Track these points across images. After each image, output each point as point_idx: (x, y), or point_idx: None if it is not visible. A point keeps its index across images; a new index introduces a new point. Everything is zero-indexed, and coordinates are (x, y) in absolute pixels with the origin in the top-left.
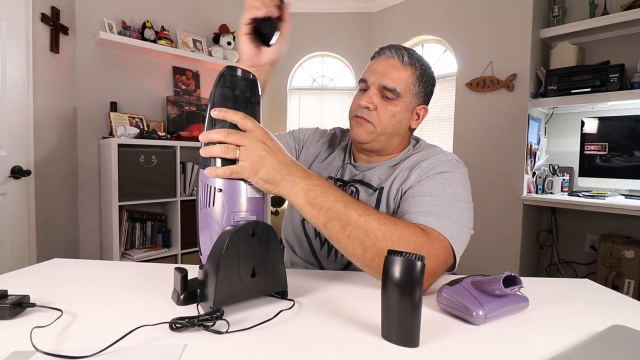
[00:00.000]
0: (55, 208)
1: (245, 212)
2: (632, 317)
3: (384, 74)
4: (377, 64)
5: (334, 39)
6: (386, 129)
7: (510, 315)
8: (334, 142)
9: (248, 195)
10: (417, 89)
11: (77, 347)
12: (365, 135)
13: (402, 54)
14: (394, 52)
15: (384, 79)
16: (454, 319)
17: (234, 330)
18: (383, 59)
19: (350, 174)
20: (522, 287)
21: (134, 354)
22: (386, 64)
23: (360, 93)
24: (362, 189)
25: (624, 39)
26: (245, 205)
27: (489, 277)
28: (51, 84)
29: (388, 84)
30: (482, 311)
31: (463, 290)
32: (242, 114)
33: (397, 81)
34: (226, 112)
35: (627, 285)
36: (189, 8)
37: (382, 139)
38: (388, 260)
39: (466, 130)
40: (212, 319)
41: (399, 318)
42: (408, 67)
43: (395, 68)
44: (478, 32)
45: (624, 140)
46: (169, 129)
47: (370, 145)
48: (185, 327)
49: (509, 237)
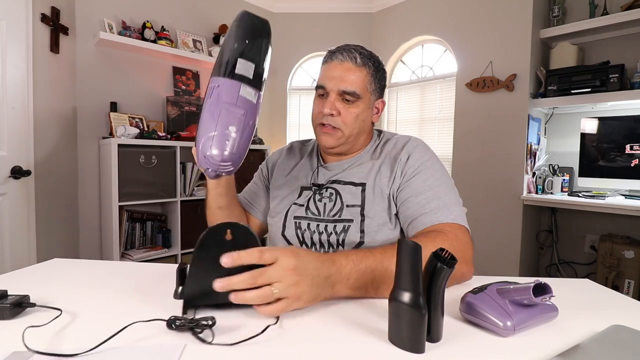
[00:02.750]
0: (55, 208)
1: None
2: (632, 317)
3: (341, 78)
4: (332, 68)
5: (334, 39)
6: (353, 130)
7: (538, 326)
8: (294, 154)
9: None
10: (374, 85)
11: (75, 347)
12: (334, 141)
13: (354, 55)
14: (346, 54)
15: (341, 83)
16: (477, 329)
17: (220, 344)
18: (337, 62)
19: (325, 176)
20: (553, 296)
21: (134, 353)
22: (341, 68)
23: (319, 99)
24: (341, 188)
25: (624, 39)
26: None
27: (516, 285)
28: (51, 84)
29: (347, 88)
30: (511, 322)
31: (488, 298)
32: (257, 249)
33: (354, 84)
34: (239, 257)
35: (627, 285)
36: (189, 8)
37: (350, 140)
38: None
39: (466, 131)
40: (201, 326)
41: (408, 322)
42: (362, 67)
43: (351, 71)
44: (478, 32)
45: (624, 140)
46: (169, 129)
47: (339, 148)
48: (179, 327)
49: (509, 237)
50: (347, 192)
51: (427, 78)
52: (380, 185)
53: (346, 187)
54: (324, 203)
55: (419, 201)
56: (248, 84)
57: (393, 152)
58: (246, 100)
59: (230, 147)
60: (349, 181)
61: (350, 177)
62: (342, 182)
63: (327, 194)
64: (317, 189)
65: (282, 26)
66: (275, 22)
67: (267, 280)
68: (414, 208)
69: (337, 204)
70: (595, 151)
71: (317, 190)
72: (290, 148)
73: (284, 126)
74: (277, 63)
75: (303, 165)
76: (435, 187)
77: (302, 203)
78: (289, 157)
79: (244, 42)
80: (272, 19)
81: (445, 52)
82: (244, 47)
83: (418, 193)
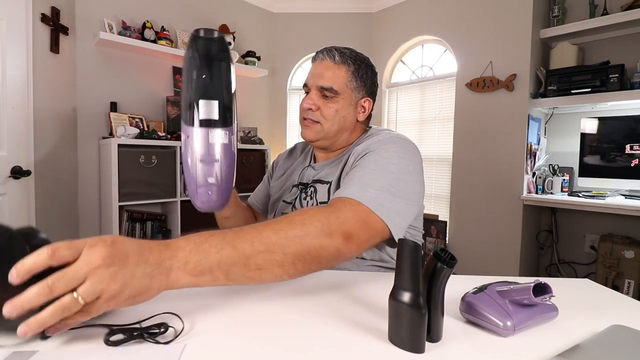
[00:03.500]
0: (55, 208)
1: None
2: (632, 317)
3: (320, 75)
4: (314, 67)
5: (334, 39)
6: (332, 125)
7: (538, 326)
8: (295, 154)
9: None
10: (355, 83)
11: (76, 347)
12: (313, 134)
13: (333, 54)
14: (325, 54)
15: (320, 80)
16: (477, 329)
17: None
18: (318, 61)
19: (309, 175)
20: (553, 296)
21: (134, 353)
22: (321, 66)
23: (303, 97)
24: (318, 187)
25: (624, 39)
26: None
27: (517, 285)
28: (51, 84)
29: (325, 84)
30: (511, 322)
31: (488, 298)
32: (48, 247)
33: (332, 80)
34: (23, 265)
35: (627, 285)
36: (189, 8)
37: (331, 135)
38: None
39: (466, 131)
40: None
41: (408, 322)
42: (341, 65)
43: (329, 68)
44: (478, 32)
45: (624, 140)
46: (169, 129)
47: (320, 142)
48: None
49: (509, 237)
50: (321, 191)
51: (427, 78)
52: (340, 177)
53: (321, 185)
54: (307, 201)
55: (345, 181)
56: (216, 126)
57: (362, 146)
58: (218, 144)
59: (214, 196)
60: (324, 180)
61: (327, 176)
62: (320, 181)
63: (309, 192)
64: (302, 187)
65: (282, 26)
66: (275, 22)
67: (70, 284)
68: (340, 188)
69: (313, 202)
70: (595, 151)
71: (303, 189)
72: (293, 149)
73: (284, 126)
74: (277, 63)
75: (298, 165)
76: (368, 168)
77: (289, 201)
78: (289, 158)
79: (201, 77)
80: (272, 19)
81: (445, 52)
82: (202, 83)
83: (350, 175)
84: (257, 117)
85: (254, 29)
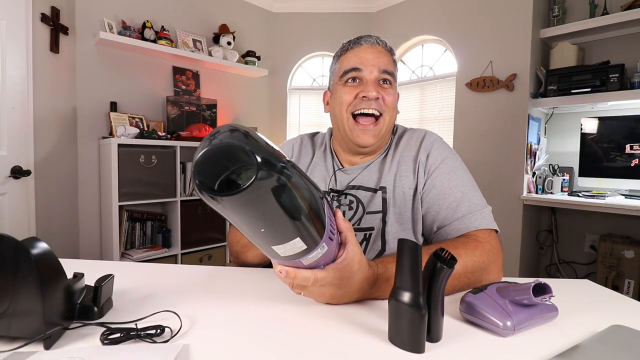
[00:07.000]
0: (55, 208)
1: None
2: (632, 317)
3: (379, 59)
4: (364, 51)
5: (334, 39)
6: (391, 117)
7: (538, 326)
8: (306, 150)
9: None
10: (397, 75)
11: (76, 346)
12: (373, 139)
13: (382, 40)
14: (374, 39)
15: (381, 64)
16: (477, 329)
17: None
18: (367, 46)
19: (342, 181)
20: (553, 296)
21: (133, 352)
22: (374, 51)
23: (350, 87)
24: (361, 194)
25: (624, 39)
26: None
27: (516, 285)
28: (51, 84)
29: (388, 67)
30: (511, 322)
31: (488, 298)
32: (310, 274)
33: (390, 65)
34: (296, 274)
35: (627, 285)
36: (189, 8)
37: (384, 133)
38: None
39: (466, 130)
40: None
41: (408, 322)
42: (389, 53)
43: (383, 54)
44: (478, 32)
45: (624, 140)
46: (169, 129)
47: (372, 147)
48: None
49: (509, 237)
50: (368, 198)
51: (427, 78)
52: (401, 187)
53: (366, 192)
54: (343, 211)
55: (448, 204)
56: (307, 254)
57: (410, 150)
58: (315, 260)
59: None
60: (368, 186)
61: (369, 181)
62: (362, 187)
63: (346, 201)
64: (335, 195)
65: (282, 26)
66: (275, 21)
67: (299, 286)
68: (445, 212)
69: (359, 211)
70: (595, 151)
71: (336, 197)
72: (302, 143)
73: (284, 126)
74: (277, 63)
75: (316, 165)
76: (461, 186)
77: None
78: (301, 154)
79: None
80: (272, 19)
81: (445, 52)
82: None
83: (445, 195)
84: (257, 117)
85: (254, 28)
